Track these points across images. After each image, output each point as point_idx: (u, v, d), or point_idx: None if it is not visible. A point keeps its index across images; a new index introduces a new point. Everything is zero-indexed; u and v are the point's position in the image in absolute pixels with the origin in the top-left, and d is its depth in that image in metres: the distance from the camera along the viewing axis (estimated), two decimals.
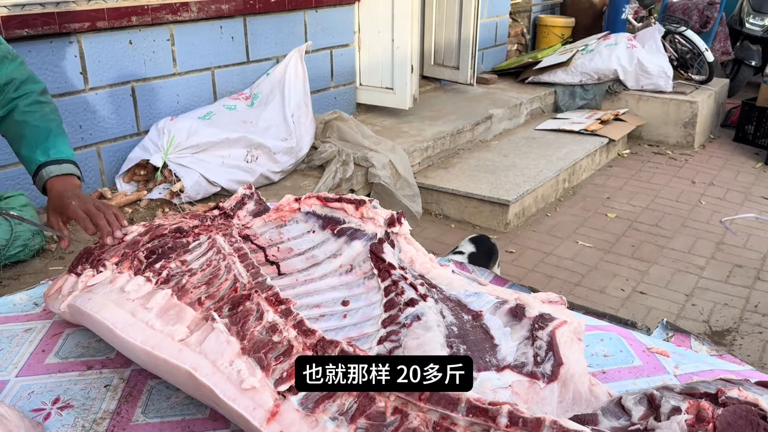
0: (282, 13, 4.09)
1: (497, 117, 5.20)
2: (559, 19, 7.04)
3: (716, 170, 5.18)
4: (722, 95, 6.25)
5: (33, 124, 1.43)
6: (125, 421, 0.99)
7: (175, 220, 1.39)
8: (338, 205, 1.32)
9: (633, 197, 4.62)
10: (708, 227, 4.16)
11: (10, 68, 1.44)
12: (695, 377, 1.06)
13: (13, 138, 1.45)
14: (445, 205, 4.22)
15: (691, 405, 0.83)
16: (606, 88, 5.85)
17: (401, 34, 4.58)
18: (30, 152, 1.42)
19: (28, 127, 1.43)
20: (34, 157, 1.42)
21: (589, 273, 3.57)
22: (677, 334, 1.28)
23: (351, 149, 3.91)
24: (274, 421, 0.82)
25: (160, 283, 1.08)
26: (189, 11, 3.53)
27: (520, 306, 1.08)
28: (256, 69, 4.02)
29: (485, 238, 2.84)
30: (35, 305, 1.34)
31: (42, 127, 1.44)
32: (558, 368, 0.97)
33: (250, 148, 3.49)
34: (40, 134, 1.43)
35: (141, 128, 3.49)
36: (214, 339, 0.92)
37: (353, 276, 1.19)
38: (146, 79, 3.46)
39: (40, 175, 1.41)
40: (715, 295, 3.37)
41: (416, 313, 1.05)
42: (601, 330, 1.25)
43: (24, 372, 1.11)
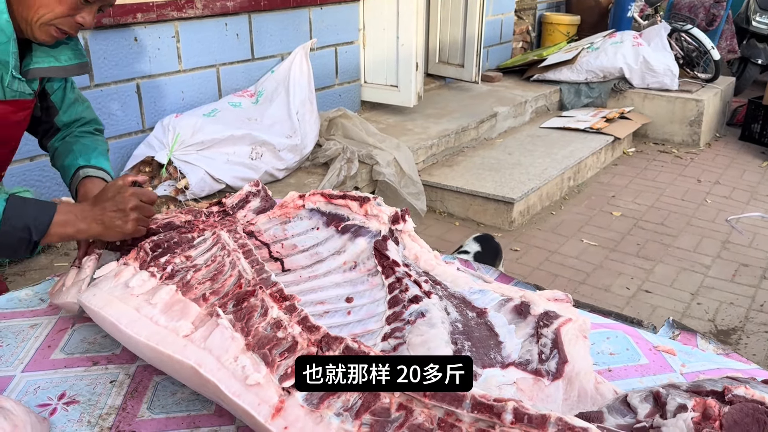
0: (287, 10, 4.09)
1: (502, 115, 5.19)
2: (564, 16, 7.02)
3: (722, 169, 5.16)
4: (728, 93, 6.22)
5: (82, 142, 1.51)
6: (131, 417, 0.99)
7: (168, 215, 1.39)
8: (342, 202, 1.32)
9: (638, 196, 4.61)
10: (714, 226, 4.14)
11: (80, 109, 1.54)
12: (702, 376, 1.06)
13: (60, 154, 1.50)
14: (449, 203, 4.21)
15: (697, 403, 0.83)
16: (611, 86, 5.84)
17: (406, 31, 4.57)
18: (72, 160, 1.47)
19: (78, 143, 1.49)
20: (75, 162, 1.46)
21: (594, 271, 3.57)
22: (683, 333, 1.28)
23: (355, 147, 3.91)
24: (279, 417, 0.82)
25: (165, 279, 1.08)
26: (194, 8, 3.53)
27: (525, 303, 1.08)
28: (260, 66, 4.02)
29: (490, 238, 2.84)
30: (41, 301, 1.34)
31: (90, 144, 1.51)
32: (563, 366, 0.96)
33: (254, 146, 3.49)
34: (86, 149, 1.49)
35: (146, 125, 3.50)
36: (218, 335, 0.92)
37: (357, 273, 1.19)
38: (151, 76, 3.46)
39: (76, 175, 1.45)
40: (721, 294, 3.36)
41: (420, 309, 1.04)
42: (607, 328, 1.24)
43: (30, 367, 1.11)
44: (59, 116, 1.50)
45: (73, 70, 1.38)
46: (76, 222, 1.22)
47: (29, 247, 1.20)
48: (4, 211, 1.16)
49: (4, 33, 1.22)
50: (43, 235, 1.19)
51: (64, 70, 1.36)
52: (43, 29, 1.25)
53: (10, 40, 1.23)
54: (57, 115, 1.50)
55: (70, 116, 1.52)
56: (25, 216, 1.18)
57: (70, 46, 1.37)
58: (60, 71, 1.36)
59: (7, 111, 1.32)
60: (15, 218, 1.17)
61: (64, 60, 1.35)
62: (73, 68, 1.37)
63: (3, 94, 1.29)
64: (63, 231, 1.21)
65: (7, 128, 1.36)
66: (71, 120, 1.52)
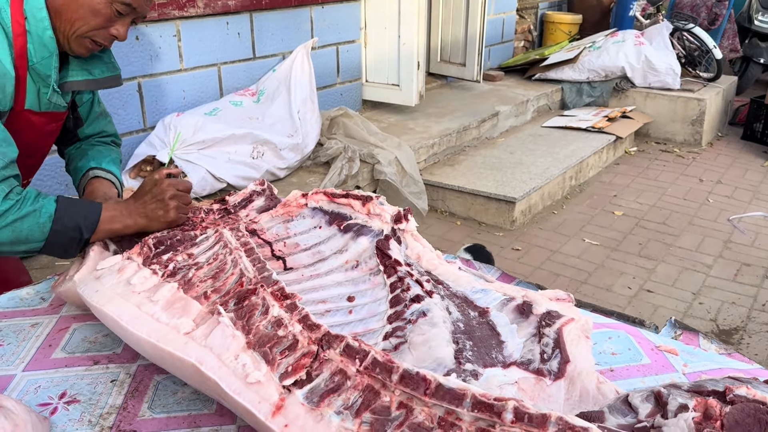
0: (288, 9, 4.09)
1: (504, 114, 5.18)
2: (566, 15, 7.01)
3: (724, 168, 5.15)
4: (730, 93, 6.21)
5: (97, 148, 1.56)
6: (131, 416, 0.99)
7: None
8: (345, 201, 1.32)
9: (640, 195, 4.60)
10: (715, 225, 4.13)
11: (103, 123, 1.60)
12: (704, 376, 1.06)
13: (74, 157, 1.55)
14: (450, 202, 4.21)
15: (698, 403, 0.82)
16: (613, 85, 5.83)
17: (408, 30, 4.57)
18: (84, 163, 1.52)
19: (93, 150, 1.54)
20: (87, 165, 1.51)
21: (595, 271, 3.56)
22: (686, 333, 1.27)
23: (357, 146, 3.91)
24: (279, 415, 0.82)
25: (167, 276, 1.08)
26: (195, 7, 3.53)
27: (528, 303, 1.08)
28: (262, 65, 4.02)
29: (481, 247, 2.83)
30: (42, 300, 1.34)
31: (104, 151, 1.56)
32: (565, 365, 0.96)
33: (256, 145, 3.49)
34: (100, 155, 1.54)
35: (147, 124, 3.49)
36: (219, 333, 0.92)
37: (359, 272, 1.19)
38: (152, 74, 3.46)
39: (86, 175, 1.50)
40: (723, 293, 3.35)
41: (422, 309, 1.04)
42: (609, 328, 1.24)
43: (31, 366, 1.11)
44: (83, 128, 1.55)
45: (106, 83, 1.42)
46: (122, 218, 1.28)
47: (80, 245, 1.25)
48: (55, 212, 1.20)
49: (47, 48, 1.26)
50: (93, 232, 1.25)
51: (97, 83, 1.40)
52: (79, 41, 1.29)
53: (52, 55, 1.27)
54: (81, 127, 1.55)
55: (93, 129, 1.57)
56: (76, 215, 1.23)
57: (104, 60, 1.41)
58: (93, 84, 1.40)
59: (42, 122, 1.37)
60: (66, 218, 1.21)
61: (97, 73, 1.39)
62: (106, 81, 1.42)
63: (39, 106, 1.33)
64: (110, 227, 1.27)
65: (41, 138, 1.41)
66: (94, 133, 1.58)
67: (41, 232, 1.19)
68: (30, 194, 1.20)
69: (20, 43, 1.23)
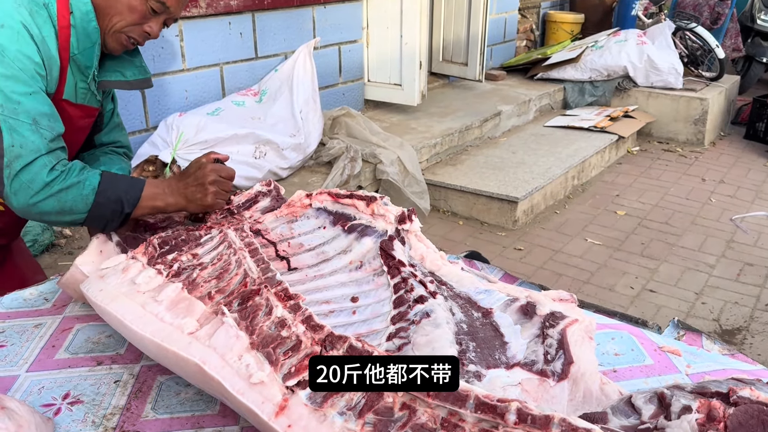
0: (290, 9, 4.09)
1: (506, 114, 5.18)
2: (568, 15, 7.01)
3: (726, 168, 5.14)
4: (733, 92, 6.20)
5: (110, 156, 1.59)
6: (135, 417, 0.99)
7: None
8: (349, 202, 1.32)
9: (642, 195, 4.60)
10: (718, 225, 4.13)
11: (118, 134, 1.64)
12: (707, 376, 1.05)
13: (85, 161, 1.54)
14: (453, 202, 4.21)
15: (702, 404, 0.82)
16: (615, 84, 5.82)
17: (410, 30, 4.57)
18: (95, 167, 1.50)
19: (105, 156, 1.57)
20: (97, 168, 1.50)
21: (598, 271, 3.56)
22: (688, 333, 1.27)
23: (359, 146, 3.91)
24: (283, 416, 0.82)
25: (171, 276, 1.08)
26: (198, 7, 3.53)
27: (531, 304, 1.08)
28: (264, 65, 4.02)
29: (477, 254, 2.83)
30: (45, 300, 1.35)
31: (115, 159, 1.59)
32: (568, 367, 0.96)
33: (258, 144, 3.49)
34: (111, 162, 1.56)
35: (150, 124, 3.50)
36: (223, 333, 0.92)
37: (363, 272, 1.19)
38: (155, 74, 3.46)
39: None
40: (726, 293, 3.35)
41: (425, 310, 1.04)
42: (612, 329, 1.24)
43: (34, 367, 1.12)
44: (100, 135, 1.59)
45: (137, 84, 1.47)
46: (163, 196, 1.33)
47: (120, 218, 1.29)
48: (99, 185, 1.25)
49: (90, 39, 1.32)
50: (134, 207, 1.30)
51: (129, 84, 1.45)
52: (115, 37, 1.34)
53: (95, 45, 1.33)
54: (98, 134, 1.58)
55: (109, 138, 1.61)
56: (118, 189, 1.28)
57: (135, 63, 1.45)
58: (126, 85, 1.44)
59: (77, 115, 1.40)
60: (109, 191, 1.27)
61: (129, 75, 1.44)
62: (138, 83, 1.47)
63: (76, 98, 1.37)
64: (152, 204, 1.32)
65: (74, 133, 1.43)
66: (109, 141, 1.61)
67: (84, 204, 1.24)
68: (75, 167, 1.26)
69: (64, 35, 1.29)
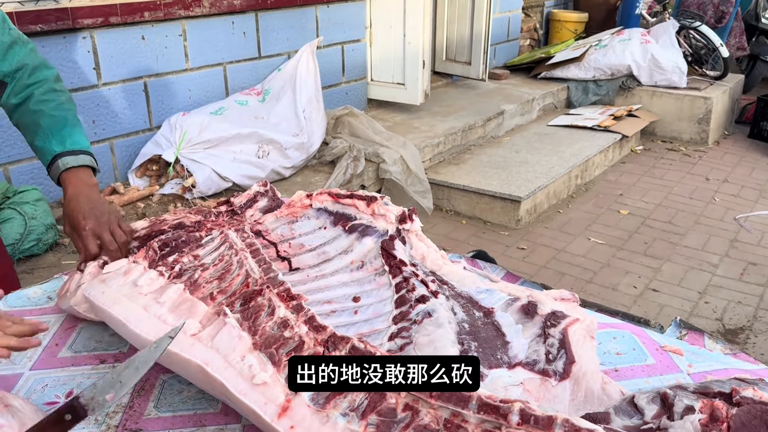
0: (293, 8, 4.09)
1: (509, 113, 5.17)
2: (572, 14, 6.99)
3: (730, 167, 5.13)
4: (737, 91, 6.18)
5: (49, 113, 1.39)
6: (138, 415, 1.00)
7: (179, 215, 1.39)
8: (349, 202, 1.32)
9: (646, 194, 4.59)
10: (722, 224, 4.12)
11: (21, 53, 1.39)
12: (709, 376, 1.05)
13: (27, 127, 1.41)
14: (456, 201, 4.21)
15: (704, 404, 0.82)
16: (619, 83, 5.81)
17: (413, 29, 4.57)
18: (45, 143, 1.38)
19: (44, 116, 1.38)
20: (50, 147, 1.37)
21: (601, 270, 3.56)
22: (691, 333, 1.27)
23: (362, 145, 3.91)
24: (285, 417, 0.83)
25: (173, 278, 1.08)
26: (201, 6, 3.53)
27: (533, 303, 1.08)
28: (267, 64, 4.02)
29: (484, 254, 2.83)
30: (49, 299, 1.35)
31: (58, 116, 1.39)
32: (570, 366, 0.96)
33: (261, 144, 3.49)
34: (56, 124, 1.38)
35: (153, 123, 3.51)
36: (226, 334, 0.92)
37: (364, 272, 1.19)
38: (159, 74, 3.47)
39: (55, 166, 1.35)
40: (729, 293, 3.34)
41: (427, 309, 1.04)
42: (614, 328, 1.24)
43: (38, 365, 1.12)
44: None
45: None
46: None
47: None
48: None
49: None
50: None
51: None
52: None
53: None
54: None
55: (11, 64, 1.37)
56: None
57: None
58: None
59: None
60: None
61: None
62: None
63: None
64: None
65: None
66: (14, 69, 1.37)
67: None
68: None
69: None
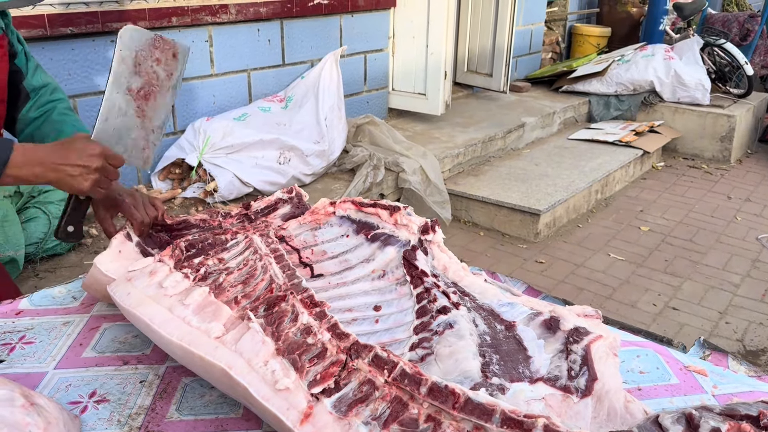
0: (318, 17, 4.13)
1: (530, 125, 5.16)
2: (595, 28, 6.97)
3: (753, 186, 5.07)
4: (761, 109, 6.12)
5: (70, 123, 1.52)
6: (160, 417, 1.00)
7: (202, 216, 1.42)
8: (373, 211, 1.32)
9: (667, 211, 4.55)
10: (743, 244, 4.07)
11: (43, 75, 1.56)
12: (735, 398, 1.04)
13: (48, 135, 1.51)
14: (474, 212, 4.20)
15: (731, 427, 0.81)
16: (641, 99, 5.78)
17: (436, 40, 4.58)
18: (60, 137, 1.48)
19: (66, 124, 1.51)
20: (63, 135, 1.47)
21: (620, 286, 3.52)
22: (714, 353, 1.26)
23: (382, 154, 3.92)
24: (308, 423, 0.83)
25: (198, 280, 1.09)
26: (228, 13, 3.57)
27: (555, 318, 1.07)
28: (291, 72, 4.06)
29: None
30: (73, 299, 1.37)
31: (79, 127, 1.54)
32: (592, 383, 0.95)
33: (282, 150, 3.52)
34: (76, 127, 1.52)
35: (177, 127, 3.55)
36: (249, 338, 0.93)
37: (386, 281, 1.19)
38: (184, 79, 3.51)
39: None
40: (750, 313, 3.29)
41: (449, 320, 1.04)
42: (637, 346, 1.23)
43: (62, 364, 1.13)
44: (28, 80, 1.51)
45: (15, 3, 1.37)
46: (31, 166, 1.20)
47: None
48: None
49: None
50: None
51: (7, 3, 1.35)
52: None
53: None
54: (25, 79, 1.51)
55: (38, 80, 1.53)
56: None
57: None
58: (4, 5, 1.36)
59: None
60: None
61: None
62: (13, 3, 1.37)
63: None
64: (16, 173, 1.20)
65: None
66: (40, 85, 1.53)
67: None
68: None
69: None
